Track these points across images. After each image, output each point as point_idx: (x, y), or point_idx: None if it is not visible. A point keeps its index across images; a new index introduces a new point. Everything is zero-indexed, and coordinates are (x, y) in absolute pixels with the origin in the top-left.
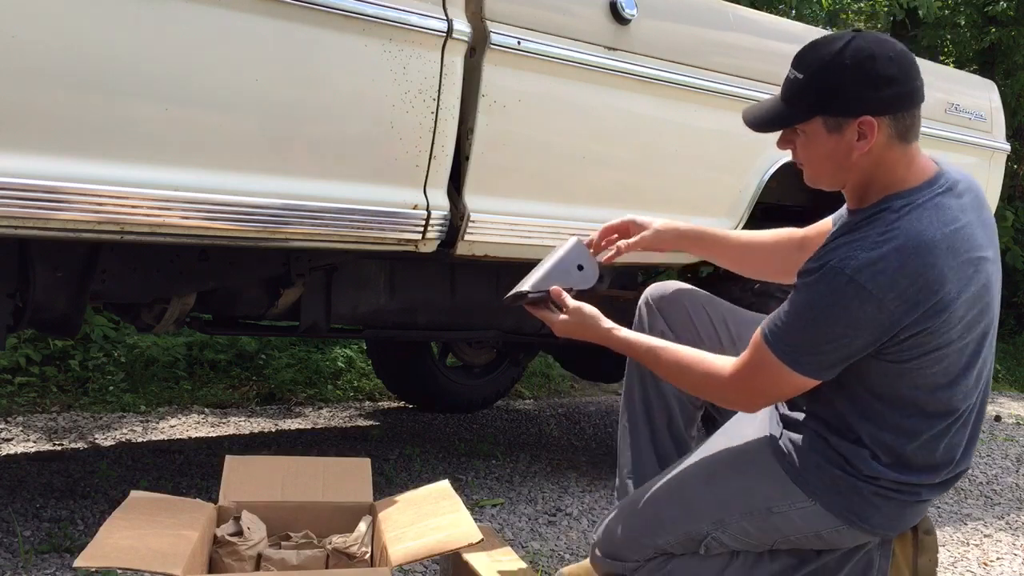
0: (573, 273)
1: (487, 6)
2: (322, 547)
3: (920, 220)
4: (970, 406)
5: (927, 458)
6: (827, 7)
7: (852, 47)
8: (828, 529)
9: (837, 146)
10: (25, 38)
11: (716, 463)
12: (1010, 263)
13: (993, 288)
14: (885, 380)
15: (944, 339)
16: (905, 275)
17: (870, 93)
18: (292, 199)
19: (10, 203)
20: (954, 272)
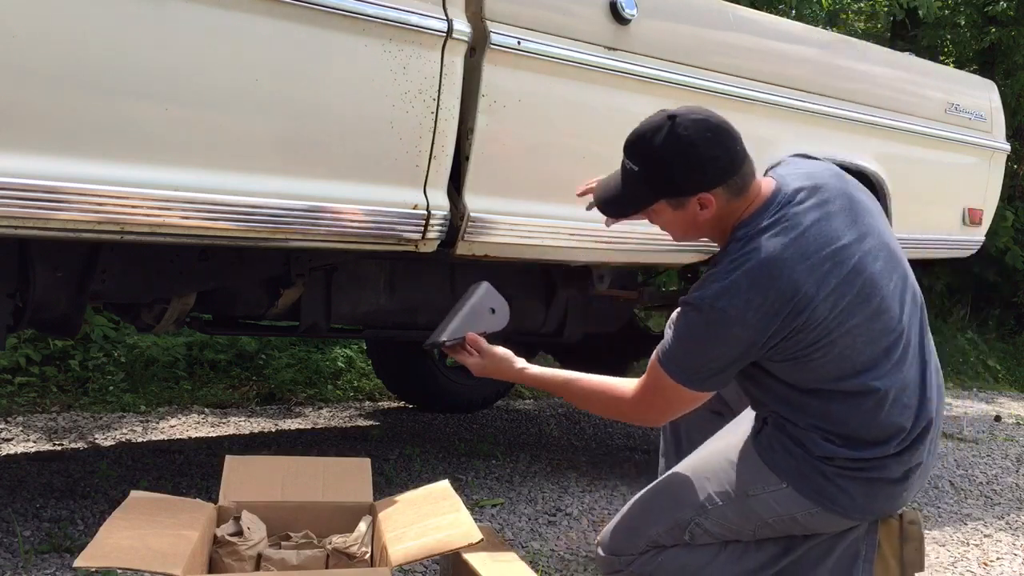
0: (486, 317)
1: (487, 6)
2: (322, 547)
3: (761, 240)
4: (900, 382)
5: (873, 434)
6: (827, 7)
7: (673, 136)
8: (803, 512)
9: (684, 217)
10: (25, 38)
11: (703, 455)
12: (1010, 263)
13: (869, 266)
14: (793, 376)
15: (820, 331)
16: (757, 292)
17: (699, 176)
18: (292, 199)
19: (10, 203)
20: (807, 274)
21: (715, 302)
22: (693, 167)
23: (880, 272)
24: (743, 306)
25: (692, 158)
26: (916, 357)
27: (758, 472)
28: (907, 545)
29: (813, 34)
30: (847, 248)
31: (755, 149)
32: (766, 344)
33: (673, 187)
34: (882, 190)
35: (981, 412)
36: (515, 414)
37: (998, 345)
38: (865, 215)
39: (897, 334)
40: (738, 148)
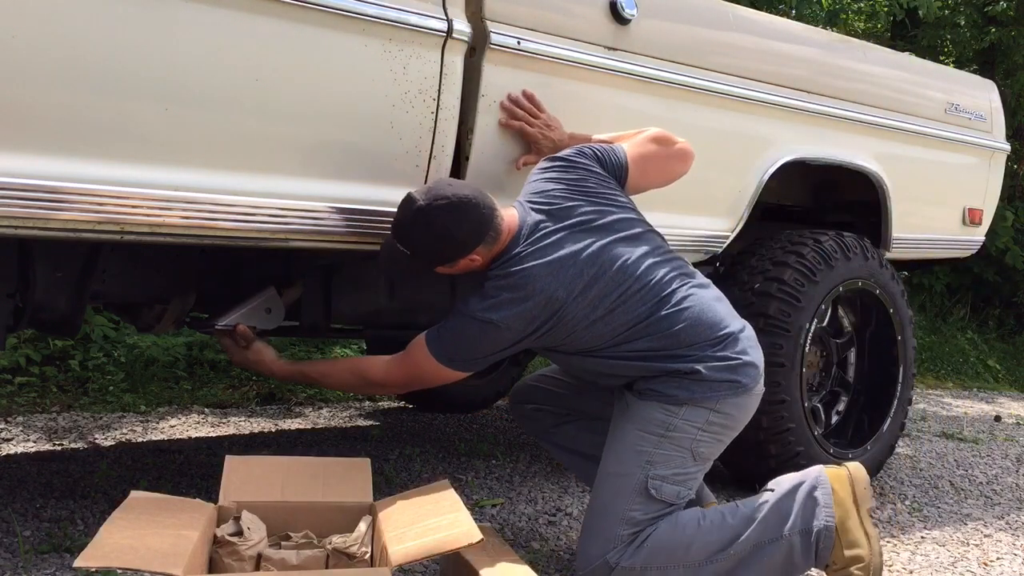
0: (261, 315)
1: (487, 6)
2: (322, 547)
3: (517, 266)
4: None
5: (687, 338)
6: (827, 7)
7: (429, 224)
8: (711, 414)
9: (461, 268)
10: (25, 38)
11: (614, 440)
12: (1010, 263)
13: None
14: (582, 348)
15: (581, 318)
16: (517, 304)
17: (460, 248)
18: (292, 199)
19: (10, 203)
20: (561, 288)
21: (485, 314)
22: (451, 244)
23: (617, 249)
24: (509, 316)
25: (451, 239)
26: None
27: (663, 411)
28: (857, 486)
29: (813, 34)
30: (589, 247)
31: (755, 149)
32: (527, 340)
33: (441, 260)
34: (882, 190)
35: (981, 412)
36: None
37: (998, 345)
38: (595, 200)
39: (664, 288)
40: (483, 212)
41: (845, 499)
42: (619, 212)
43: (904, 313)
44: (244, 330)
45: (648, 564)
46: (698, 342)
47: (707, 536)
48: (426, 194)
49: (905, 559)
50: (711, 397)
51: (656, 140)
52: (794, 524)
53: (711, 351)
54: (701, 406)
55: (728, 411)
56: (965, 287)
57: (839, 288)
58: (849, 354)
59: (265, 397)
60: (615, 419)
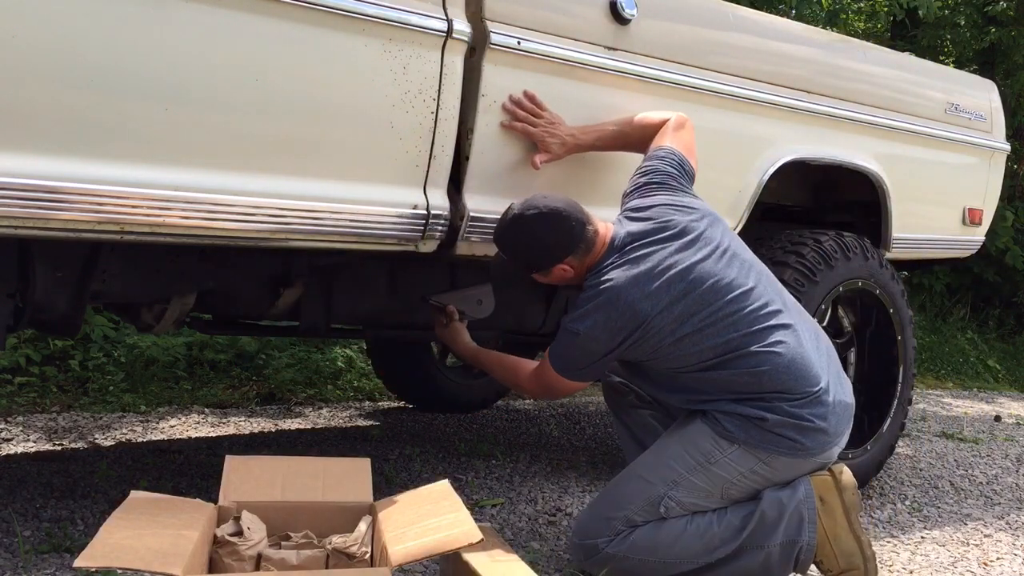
0: (472, 304)
1: (487, 6)
2: (322, 547)
3: (604, 278)
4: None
5: (770, 383)
6: (827, 7)
7: (520, 232)
8: (758, 464)
9: (556, 277)
10: (25, 38)
11: (662, 444)
12: (1010, 263)
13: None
14: (669, 367)
15: (667, 333)
16: (602, 316)
17: (551, 256)
18: (292, 199)
19: (10, 203)
20: (646, 300)
21: (574, 325)
22: (543, 251)
23: (721, 269)
24: (593, 326)
25: (539, 246)
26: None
27: (713, 442)
28: (844, 492)
29: (813, 34)
30: (678, 264)
31: (755, 149)
32: (617, 350)
33: (535, 267)
34: (882, 190)
35: (981, 412)
36: (515, 414)
37: (998, 345)
38: (689, 211)
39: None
40: (573, 224)
41: (835, 508)
42: (708, 228)
43: (904, 313)
44: (452, 311)
45: (629, 555)
46: (778, 391)
47: (691, 539)
48: (522, 204)
49: (905, 559)
50: (765, 449)
51: (686, 127)
52: (777, 537)
53: (787, 404)
54: (752, 453)
55: (777, 467)
56: (965, 287)
57: (839, 288)
58: (849, 354)
59: (265, 397)
60: (674, 425)
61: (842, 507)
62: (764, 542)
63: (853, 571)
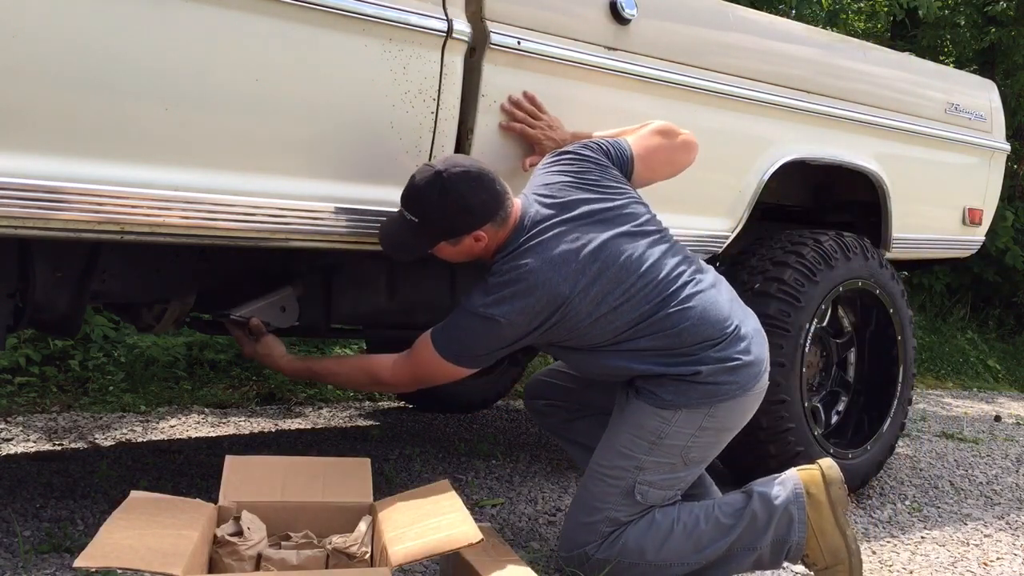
0: (276, 312)
1: (487, 6)
2: (322, 547)
3: (520, 260)
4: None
5: (690, 338)
6: (827, 7)
7: (443, 190)
8: (705, 419)
9: (461, 250)
10: (25, 38)
11: (609, 437)
12: (1010, 263)
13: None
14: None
15: (584, 315)
16: (521, 300)
17: (471, 219)
18: (292, 199)
19: (10, 203)
20: (565, 283)
21: (488, 310)
22: (464, 213)
23: (623, 244)
24: (512, 312)
25: (463, 204)
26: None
27: (657, 416)
28: (831, 487)
29: (813, 34)
30: (592, 242)
31: (755, 149)
32: (531, 335)
33: (449, 231)
34: (882, 190)
35: (981, 412)
36: (515, 414)
37: (998, 345)
38: (604, 207)
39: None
40: (498, 188)
41: (821, 502)
42: (625, 205)
43: (904, 313)
44: (257, 324)
45: (620, 558)
46: (700, 342)
47: (680, 538)
48: (444, 161)
49: (905, 559)
50: (706, 402)
51: (661, 132)
52: (767, 538)
53: (712, 351)
54: (695, 411)
55: (723, 415)
56: (965, 287)
57: (839, 288)
58: (849, 354)
59: (265, 397)
60: (614, 414)
61: (828, 501)
62: (755, 543)
63: (839, 565)
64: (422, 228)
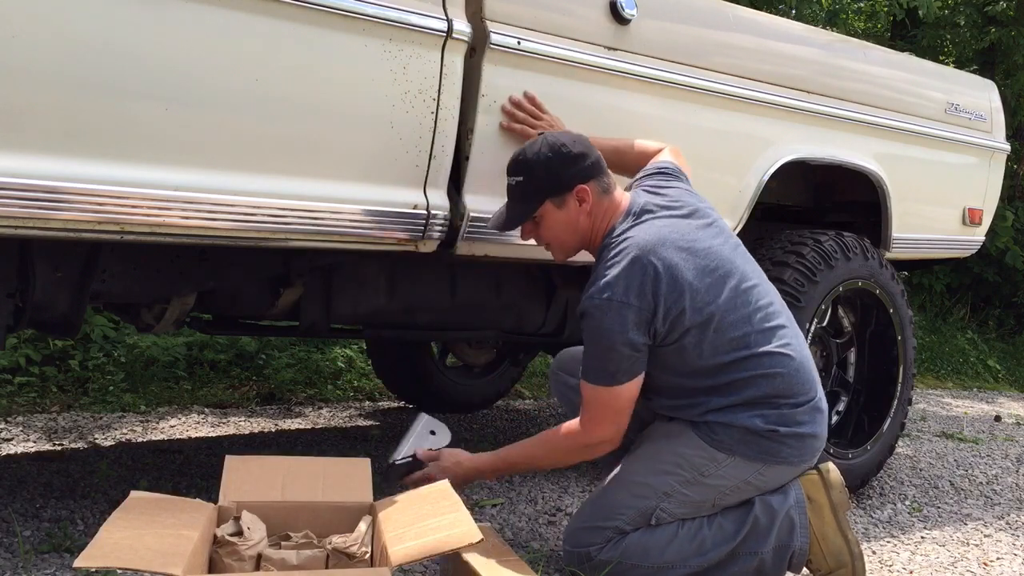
0: (429, 439)
1: (487, 6)
2: (322, 547)
3: (630, 240)
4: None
5: (785, 388)
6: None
7: (546, 145)
8: (753, 474)
9: (567, 216)
10: (25, 38)
11: (649, 451)
12: (1010, 263)
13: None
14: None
15: (693, 310)
16: (636, 278)
17: (573, 170)
18: (292, 199)
19: (10, 203)
20: (677, 254)
21: (602, 294)
22: (566, 162)
23: (729, 254)
24: (627, 290)
25: (565, 155)
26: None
27: (708, 455)
28: (832, 491)
29: (813, 34)
30: (700, 240)
31: (756, 149)
32: (655, 319)
33: (554, 185)
34: (882, 190)
35: (981, 412)
36: (515, 414)
37: (998, 345)
38: (711, 218)
39: (769, 318)
40: (599, 156)
41: (823, 506)
42: (720, 219)
43: (904, 313)
44: (426, 453)
45: (623, 560)
46: (787, 396)
47: (683, 542)
48: (549, 130)
49: (905, 559)
50: (763, 459)
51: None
52: (769, 543)
53: (796, 412)
54: (749, 464)
55: (772, 477)
56: (965, 287)
57: (839, 288)
58: (849, 354)
59: (265, 397)
60: (656, 427)
61: (830, 506)
62: (757, 548)
63: (841, 570)
64: (527, 186)
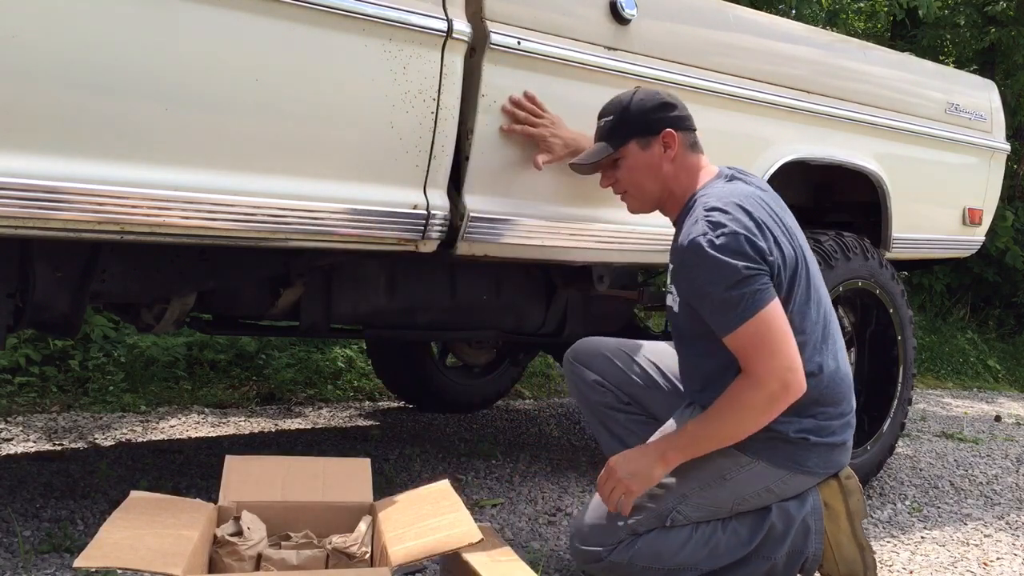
0: None
1: (487, 6)
2: (322, 547)
3: (725, 187)
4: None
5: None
6: (827, 7)
7: (640, 91)
8: (776, 481)
9: (651, 160)
10: (25, 38)
11: None
12: (1010, 263)
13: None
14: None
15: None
16: (740, 213)
17: (662, 114)
18: (292, 199)
19: (10, 203)
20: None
21: (714, 231)
22: (657, 106)
23: (801, 254)
24: (736, 220)
25: (656, 100)
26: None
27: (732, 458)
28: (850, 498)
29: (813, 34)
30: (783, 220)
31: (755, 149)
32: (768, 244)
33: (642, 125)
34: (882, 190)
35: (981, 412)
36: (515, 414)
37: (998, 345)
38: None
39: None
40: (690, 114)
41: (839, 514)
42: None
43: (904, 313)
44: None
45: (634, 562)
46: (829, 405)
47: (696, 546)
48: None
49: (905, 559)
50: (788, 467)
51: None
52: (783, 549)
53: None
54: (774, 470)
55: (794, 485)
56: (965, 287)
57: (839, 288)
58: (849, 354)
59: (265, 397)
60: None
61: (846, 513)
62: (771, 553)
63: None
64: (617, 124)
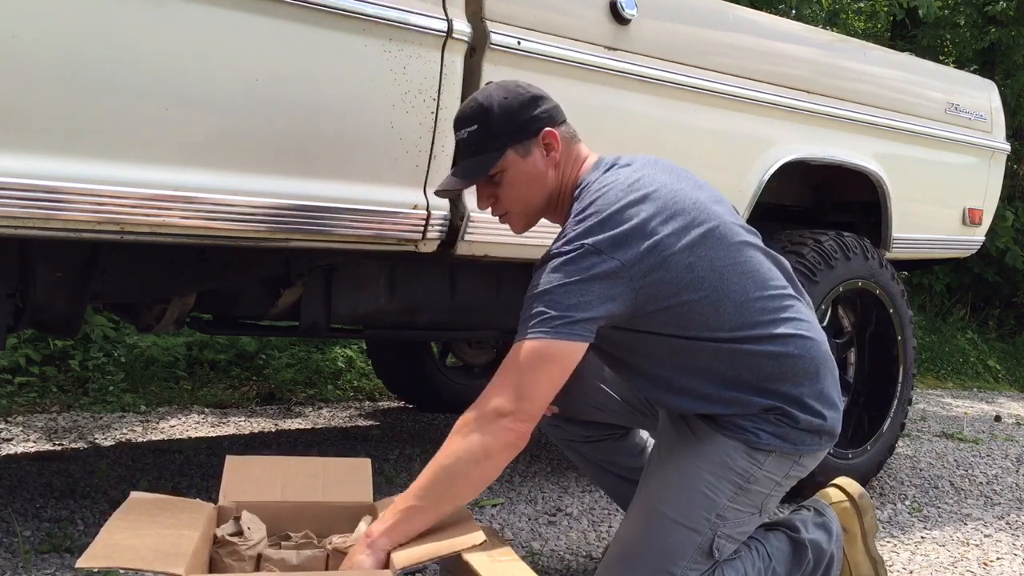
0: None
1: (487, 6)
2: (322, 547)
3: (605, 184)
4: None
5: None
6: (827, 7)
7: (498, 87)
8: (795, 467)
9: (534, 167)
10: (25, 38)
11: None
12: (1010, 263)
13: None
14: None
15: (676, 266)
16: (612, 221)
17: (534, 112)
18: (292, 199)
19: (10, 203)
20: (645, 203)
21: (576, 243)
22: (526, 104)
23: (703, 204)
24: (600, 239)
25: (522, 97)
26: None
27: (748, 458)
28: (865, 517)
29: (813, 34)
30: (681, 191)
31: (756, 149)
32: (633, 269)
33: (517, 128)
34: (882, 190)
35: (981, 412)
36: None
37: (998, 345)
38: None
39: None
40: (556, 102)
41: (855, 535)
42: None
43: (904, 313)
44: None
45: None
46: (808, 375)
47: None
48: None
49: (905, 559)
50: (800, 449)
51: None
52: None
53: (815, 390)
54: (786, 457)
55: (807, 464)
56: (965, 287)
57: (839, 288)
58: (849, 354)
59: (265, 397)
60: (673, 443)
61: (862, 533)
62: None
63: None
64: (484, 134)
